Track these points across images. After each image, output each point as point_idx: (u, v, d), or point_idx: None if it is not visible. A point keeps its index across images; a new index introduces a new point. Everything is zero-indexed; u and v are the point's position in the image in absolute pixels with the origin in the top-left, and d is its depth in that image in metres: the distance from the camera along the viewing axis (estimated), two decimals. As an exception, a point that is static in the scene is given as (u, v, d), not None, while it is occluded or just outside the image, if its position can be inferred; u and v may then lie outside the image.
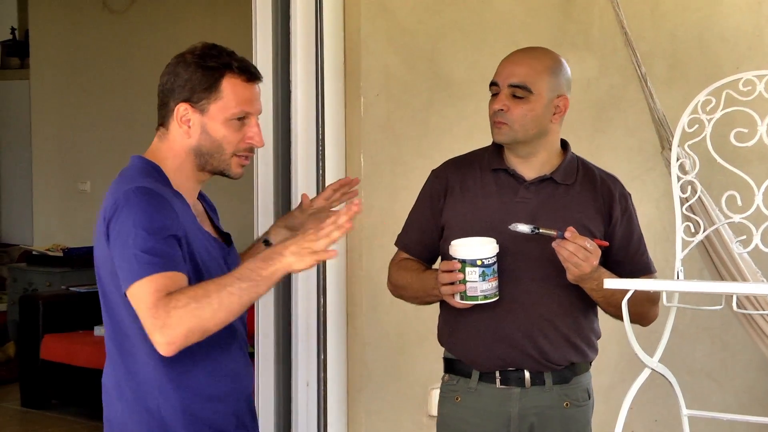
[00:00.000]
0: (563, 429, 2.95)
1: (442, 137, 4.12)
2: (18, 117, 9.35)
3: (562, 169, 2.96)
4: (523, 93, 2.89)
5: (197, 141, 2.50)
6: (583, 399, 2.99)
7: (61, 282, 7.98)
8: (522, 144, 2.94)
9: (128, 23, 8.10)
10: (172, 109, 2.50)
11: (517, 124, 2.90)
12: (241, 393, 2.55)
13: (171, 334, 2.30)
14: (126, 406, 2.47)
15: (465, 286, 2.76)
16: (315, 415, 4.01)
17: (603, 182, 3.00)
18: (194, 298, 2.30)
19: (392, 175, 4.03)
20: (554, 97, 2.93)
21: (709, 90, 2.65)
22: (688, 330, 4.69)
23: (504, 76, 2.93)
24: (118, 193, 2.42)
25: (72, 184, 8.54)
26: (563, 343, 2.93)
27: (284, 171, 4.03)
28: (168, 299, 2.30)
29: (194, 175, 2.54)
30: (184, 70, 2.49)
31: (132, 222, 2.36)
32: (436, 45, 4.13)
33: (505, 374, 2.93)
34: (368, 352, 3.99)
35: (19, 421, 7.09)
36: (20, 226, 9.35)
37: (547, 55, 2.98)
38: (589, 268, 2.75)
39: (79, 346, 7.01)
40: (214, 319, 2.32)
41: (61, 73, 8.69)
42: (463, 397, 2.98)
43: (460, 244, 2.79)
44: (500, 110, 2.90)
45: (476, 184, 2.98)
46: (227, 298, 2.32)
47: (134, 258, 2.33)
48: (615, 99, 4.51)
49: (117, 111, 8.13)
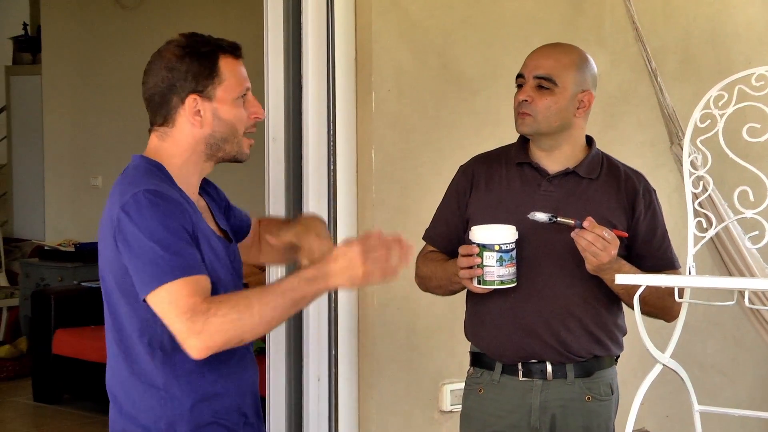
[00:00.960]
0: (584, 422, 2.97)
1: (453, 132, 4.12)
2: (30, 112, 9.37)
3: (585, 164, 2.99)
4: (548, 84, 2.93)
5: (211, 129, 2.47)
6: (606, 394, 3.00)
7: (72, 277, 8.00)
8: (545, 136, 2.97)
9: (140, 19, 8.11)
10: (176, 105, 2.45)
11: (541, 116, 2.94)
12: (245, 389, 2.54)
13: (209, 341, 2.29)
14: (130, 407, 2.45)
15: (482, 271, 2.82)
16: (326, 410, 4.02)
17: (627, 177, 3.02)
18: (236, 309, 2.29)
19: (403, 170, 4.03)
20: (579, 92, 2.97)
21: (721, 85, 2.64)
22: (699, 326, 4.69)
23: (531, 68, 2.97)
24: (125, 195, 2.38)
25: (84, 179, 8.56)
26: (585, 335, 2.95)
27: (295, 167, 4.03)
28: (208, 306, 2.29)
29: (200, 168, 2.51)
30: (178, 63, 2.45)
31: (146, 226, 2.33)
32: (448, 40, 4.13)
33: (527, 366, 2.97)
34: (379, 348, 3.99)
35: (31, 416, 7.11)
36: (32, 221, 9.37)
37: (574, 50, 3.03)
38: (607, 257, 2.77)
39: (90, 340, 7.02)
40: (252, 332, 2.33)
41: (72, 68, 8.71)
42: (486, 389, 3.02)
43: (479, 229, 2.85)
44: (524, 101, 2.94)
45: (501, 178, 3.03)
46: (269, 312, 2.32)
47: (155, 262, 2.31)
48: (626, 94, 4.51)
49: (128, 106, 8.13)
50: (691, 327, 4.60)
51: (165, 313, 2.33)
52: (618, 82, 4.49)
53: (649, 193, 3.03)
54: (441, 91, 4.11)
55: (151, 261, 2.32)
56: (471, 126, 4.13)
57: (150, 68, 2.49)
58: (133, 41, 8.12)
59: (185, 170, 2.49)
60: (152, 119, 2.51)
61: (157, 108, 2.48)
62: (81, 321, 7.26)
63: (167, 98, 2.46)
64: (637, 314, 2.61)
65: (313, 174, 3.99)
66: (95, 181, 8.46)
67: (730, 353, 4.84)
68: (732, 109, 2.59)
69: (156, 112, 2.48)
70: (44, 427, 6.81)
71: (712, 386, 4.73)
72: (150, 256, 2.32)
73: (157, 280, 2.31)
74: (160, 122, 2.49)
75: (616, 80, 4.48)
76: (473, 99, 4.16)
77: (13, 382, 7.76)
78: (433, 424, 4.07)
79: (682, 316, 2.70)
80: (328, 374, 4.01)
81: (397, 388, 4.02)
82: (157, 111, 2.48)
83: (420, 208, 3.84)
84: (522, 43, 4.12)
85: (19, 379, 7.74)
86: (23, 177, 9.59)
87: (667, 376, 2.78)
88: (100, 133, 8.44)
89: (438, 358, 4.07)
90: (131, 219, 2.35)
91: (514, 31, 4.24)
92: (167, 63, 2.46)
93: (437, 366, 4.07)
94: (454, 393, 4.01)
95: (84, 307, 7.32)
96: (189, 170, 2.50)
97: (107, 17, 8.36)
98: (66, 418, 6.94)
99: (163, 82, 2.46)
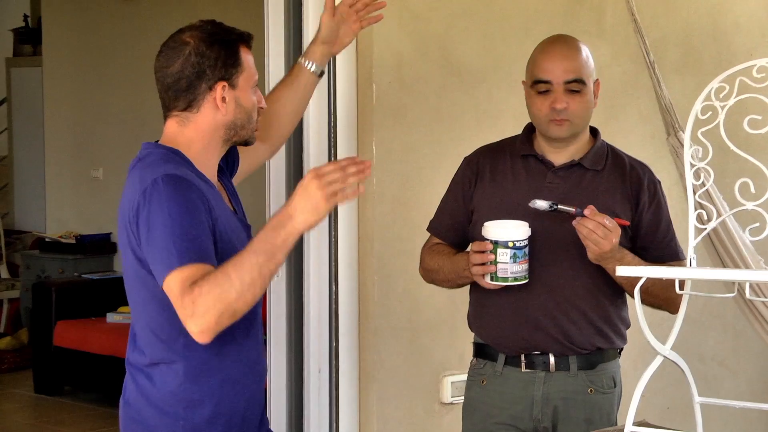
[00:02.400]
0: (587, 415, 2.97)
1: (454, 124, 4.12)
2: (31, 104, 9.38)
3: (590, 155, 2.99)
4: (578, 87, 2.93)
5: (233, 116, 2.51)
6: (609, 386, 3.00)
7: (73, 269, 8.01)
8: (575, 135, 2.98)
9: (141, 11, 8.11)
10: (203, 91, 2.48)
11: (578, 119, 2.95)
12: (257, 376, 2.57)
13: (201, 322, 2.30)
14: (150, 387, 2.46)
15: (496, 267, 2.81)
16: (327, 402, 4.02)
17: (632, 169, 3.02)
18: (216, 283, 2.29)
19: (404, 162, 4.03)
20: (593, 83, 2.99)
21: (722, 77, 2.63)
22: (700, 318, 4.69)
23: (557, 73, 2.93)
24: (146, 181, 2.40)
25: (85, 171, 8.56)
26: (588, 327, 2.95)
27: (296, 159, 4.03)
28: (192, 288, 2.30)
29: (218, 151, 2.55)
30: (208, 50, 2.48)
31: (164, 212, 2.35)
32: (449, 32, 4.12)
33: (530, 358, 2.97)
34: (380, 340, 3.99)
35: (32, 408, 7.12)
36: (33, 213, 9.37)
37: (580, 43, 3.02)
38: (608, 245, 2.77)
39: (91, 332, 7.04)
40: (241, 299, 2.32)
41: (73, 60, 8.70)
42: (489, 380, 3.03)
43: (493, 226, 2.83)
44: (563, 109, 2.92)
45: (506, 169, 3.02)
46: (247, 275, 2.31)
47: (167, 250, 2.34)
48: (628, 86, 4.50)
49: (130, 98, 8.14)
50: (692, 319, 4.61)
51: (172, 302, 2.35)
52: (619, 74, 4.49)
53: (653, 184, 3.03)
54: (442, 83, 4.10)
55: (166, 247, 2.34)
56: (472, 118, 4.13)
57: (172, 53, 2.51)
58: (134, 33, 8.12)
59: (206, 154, 2.53)
60: (171, 104, 2.53)
61: (181, 93, 2.50)
62: (82, 313, 7.28)
63: (194, 84, 2.49)
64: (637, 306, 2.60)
65: (313, 166, 3.98)
66: (96, 173, 8.46)
67: (730, 345, 4.85)
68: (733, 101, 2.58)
69: (179, 96, 2.51)
70: (45, 418, 6.82)
71: (713, 378, 4.74)
72: (165, 243, 2.34)
73: (168, 267, 2.33)
74: (183, 107, 2.51)
75: (617, 72, 4.48)
76: (474, 91, 4.16)
77: (14, 373, 7.78)
78: (433, 416, 4.07)
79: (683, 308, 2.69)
80: (329, 366, 4.02)
81: (398, 380, 4.02)
82: (180, 96, 2.51)
83: (421, 201, 3.84)
84: (523, 35, 4.12)
85: (20, 370, 7.76)
86: (24, 169, 9.60)
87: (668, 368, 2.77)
88: (101, 125, 8.44)
89: (439, 350, 4.07)
90: (151, 204, 2.37)
91: (516, 23, 4.23)
92: (197, 48, 2.49)
93: (438, 358, 4.07)
94: (454, 385, 4.02)
95: (85, 298, 7.34)
96: (209, 154, 2.53)
97: (108, 9, 8.35)
98: (67, 410, 6.95)
99: (193, 67, 2.48)
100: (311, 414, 4.02)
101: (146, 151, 2.52)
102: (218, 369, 2.47)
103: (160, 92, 2.53)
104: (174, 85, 2.50)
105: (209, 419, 2.46)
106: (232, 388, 2.49)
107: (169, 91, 2.51)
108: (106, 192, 8.33)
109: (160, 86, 2.53)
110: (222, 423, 2.48)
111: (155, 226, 2.35)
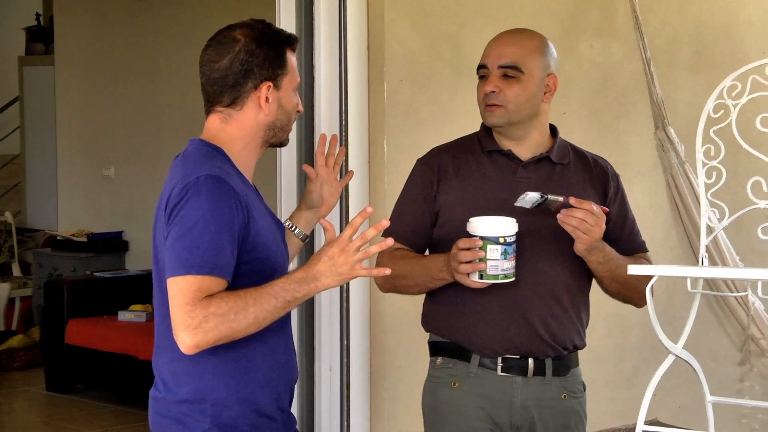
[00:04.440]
0: (563, 420, 2.94)
1: (465, 123, 4.09)
2: (43, 103, 9.40)
3: (555, 150, 2.95)
4: (514, 73, 2.87)
5: (274, 116, 2.53)
6: (579, 391, 2.99)
7: (85, 267, 8.03)
8: (515, 126, 2.91)
9: (152, 9, 8.12)
10: (249, 89, 2.49)
11: (512, 105, 2.87)
12: (286, 377, 2.58)
13: (200, 338, 2.33)
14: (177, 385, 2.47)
15: (486, 265, 2.70)
16: (338, 400, 4.02)
17: (596, 162, 3.01)
18: (234, 310, 2.33)
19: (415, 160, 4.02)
20: (544, 76, 2.91)
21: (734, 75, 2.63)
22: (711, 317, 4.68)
23: (493, 57, 2.90)
24: (188, 178, 2.40)
25: (96, 170, 8.58)
26: (569, 324, 2.92)
27: (308, 158, 4.03)
28: (208, 302, 2.32)
29: (257, 152, 2.57)
30: (258, 49, 2.49)
31: (199, 214, 2.36)
32: (460, 30, 4.12)
33: (507, 361, 2.89)
34: (391, 339, 3.99)
35: (44, 405, 7.14)
36: (45, 211, 9.40)
37: (534, 35, 2.96)
38: (599, 232, 2.75)
39: (103, 330, 7.05)
40: (244, 331, 2.37)
41: (85, 59, 8.72)
42: (462, 381, 2.92)
43: (481, 222, 2.73)
44: (492, 92, 2.88)
45: (471, 167, 2.95)
46: (262, 314, 2.37)
47: (189, 250, 2.34)
48: (639, 84, 4.49)
49: (141, 96, 8.16)
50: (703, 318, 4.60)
51: (172, 298, 2.36)
52: (631, 72, 4.48)
53: (616, 177, 3.01)
54: (453, 81, 4.10)
55: (186, 248, 2.35)
56: (483, 116, 4.12)
57: (222, 48, 2.51)
58: (146, 31, 8.13)
59: (245, 153, 2.54)
60: (216, 99, 2.53)
61: (227, 89, 2.51)
62: (93, 311, 7.29)
63: (241, 81, 2.50)
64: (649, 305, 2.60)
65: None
66: (108, 172, 8.48)
67: (742, 344, 4.83)
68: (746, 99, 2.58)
69: (224, 92, 2.51)
70: (57, 416, 6.83)
71: (726, 377, 4.73)
72: (189, 243, 2.35)
73: (181, 267, 2.34)
74: (227, 103, 2.52)
75: (629, 70, 4.47)
76: (486, 89, 4.15)
77: (25, 371, 7.80)
78: (444, 415, 4.06)
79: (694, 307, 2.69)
80: (340, 365, 4.02)
81: (409, 378, 4.02)
82: (226, 92, 2.51)
83: (432, 199, 3.84)
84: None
85: (32, 368, 7.78)
86: (36, 167, 9.62)
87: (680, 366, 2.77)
88: (112, 123, 8.46)
89: (450, 349, 4.06)
90: (189, 201, 2.38)
91: (527, 22, 4.20)
92: (246, 47, 2.49)
93: (449, 356, 4.06)
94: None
95: (96, 297, 7.35)
96: (249, 153, 2.55)
97: (120, 8, 8.37)
98: (78, 408, 6.96)
99: (241, 65, 2.49)
100: (322, 412, 4.02)
101: (192, 146, 2.53)
102: (246, 369, 2.47)
103: (204, 85, 2.54)
104: (221, 80, 2.51)
105: (236, 418, 2.46)
106: (260, 388, 2.49)
107: (214, 86, 2.52)
108: (117, 190, 8.34)
109: (205, 80, 2.53)
110: (249, 422, 2.48)
111: (187, 223, 2.36)
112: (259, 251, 2.44)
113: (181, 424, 2.46)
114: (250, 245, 2.43)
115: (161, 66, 7.98)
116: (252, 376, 2.48)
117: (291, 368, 2.60)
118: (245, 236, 2.42)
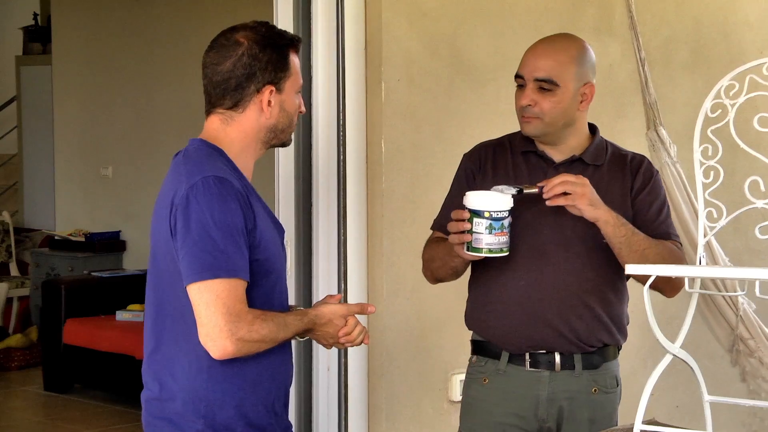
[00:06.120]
0: (591, 414, 2.96)
1: (463, 123, 4.11)
2: (40, 102, 9.39)
3: (591, 151, 2.99)
4: (549, 86, 2.89)
5: (276, 119, 2.54)
6: (612, 386, 3.00)
7: (83, 267, 8.03)
8: (551, 134, 2.96)
9: (150, 8, 8.12)
10: (251, 92, 2.50)
11: (547, 117, 2.92)
12: (281, 380, 2.58)
13: (239, 348, 2.38)
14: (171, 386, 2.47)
15: (471, 237, 2.76)
16: (336, 400, 4.02)
17: (633, 159, 3.04)
18: (272, 332, 2.44)
19: (413, 160, 4.03)
20: (580, 86, 2.94)
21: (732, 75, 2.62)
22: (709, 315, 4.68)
23: (529, 69, 2.92)
24: (193, 178, 2.41)
25: (94, 169, 8.57)
26: (594, 322, 2.94)
27: (305, 158, 4.02)
28: (254, 318, 2.39)
29: (257, 153, 2.58)
30: (261, 52, 2.49)
31: (210, 215, 2.37)
32: (458, 30, 4.12)
33: (534, 357, 2.95)
34: (389, 338, 3.99)
35: (41, 405, 7.14)
36: (43, 211, 9.39)
37: (572, 44, 2.97)
38: (589, 189, 2.76)
39: (101, 330, 7.05)
40: (261, 350, 2.46)
41: (83, 58, 8.72)
42: (491, 378, 3.00)
43: (472, 195, 2.79)
44: (528, 105, 2.91)
45: (507, 165, 3.01)
46: (281, 338, 2.49)
47: (213, 254, 2.35)
48: (637, 84, 4.50)
49: (139, 96, 8.16)
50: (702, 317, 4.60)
51: (207, 305, 2.36)
52: (629, 72, 4.48)
53: (650, 172, 3.02)
54: (451, 81, 4.10)
55: (206, 251, 2.36)
56: (481, 116, 4.13)
57: (225, 51, 2.51)
58: (144, 31, 8.13)
59: (245, 155, 2.55)
60: (217, 101, 2.53)
61: (229, 92, 2.51)
62: (91, 311, 7.29)
63: (243, 85, 2.50)
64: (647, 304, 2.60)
65: (322, 164, 3.99)
66: (105, 171, 8.47)
67: (740, 344, 4.83)
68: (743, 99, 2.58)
69: (226, 95, 2.52)
70: (54, 416, 6.83)
71: (723, 377, 4.73)
72: (205, 246, 2.36)
73: (210, 273, 2.35)
74: (229, 106, 2.52)
75: (626, 70, 4.48)
76: (483, 89, 4.15)
77: (23, 371, 7.80)
78: (442, 414, 4.07)
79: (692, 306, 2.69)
80: (338, 364, 4.02)
81: (407, 378, 4.02)
82: (228, 94, 2.51)
83: (429, 199, 3.84)
84: (533, 33, 4.10)
85: (30, 368, 7.78)
86: (34, 167, 9.62)
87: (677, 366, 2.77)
88: (110, 123, 8.46)
89: (447, 349, 4.07)
90: (197, 203, 2.38)
91: (525, 21, 4.23)
92: (249, 50, 2.50)
93: (446, 356, 4.07)
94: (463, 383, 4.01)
95: (94, 296, 7.35)
96: (249, 155, 2.55)
97: (117, 7, 8.37)
98: (76, 408, 6.96)
99: (244, 68, 2.49)
100: (320, 412, 4.02)
101: (192, 146, 2.53)
102: (241, 371, 2.47)
103: (206, 87, 2.54)
104: (223, 83, 2.51)
105: (230, 419, 2.46)
106: (254, 390, 2.49)
107: (216, 88, 2.52)
108: (115, 190, 8.34)
109: (207, 81, 2.53)
110: (243, 424, 2.48)
111: (201, 225, 2.37)
112: (261, 252, 2.45)
113: (175, 425, 2.46)
114: (254, 246, 2.44)
115: (159, 66, 7.98)
116: (246, 378, 2.48)
117: (286, 371, 2.60)
118: (251, 237, 2.43)
